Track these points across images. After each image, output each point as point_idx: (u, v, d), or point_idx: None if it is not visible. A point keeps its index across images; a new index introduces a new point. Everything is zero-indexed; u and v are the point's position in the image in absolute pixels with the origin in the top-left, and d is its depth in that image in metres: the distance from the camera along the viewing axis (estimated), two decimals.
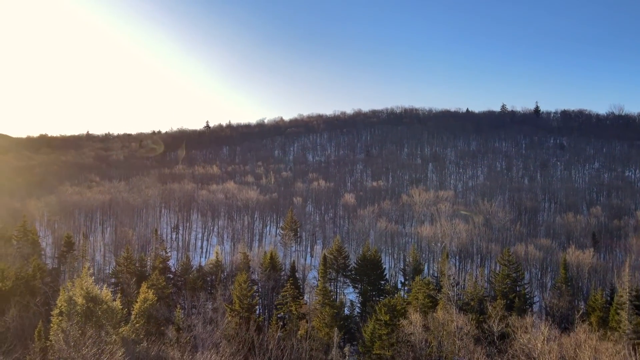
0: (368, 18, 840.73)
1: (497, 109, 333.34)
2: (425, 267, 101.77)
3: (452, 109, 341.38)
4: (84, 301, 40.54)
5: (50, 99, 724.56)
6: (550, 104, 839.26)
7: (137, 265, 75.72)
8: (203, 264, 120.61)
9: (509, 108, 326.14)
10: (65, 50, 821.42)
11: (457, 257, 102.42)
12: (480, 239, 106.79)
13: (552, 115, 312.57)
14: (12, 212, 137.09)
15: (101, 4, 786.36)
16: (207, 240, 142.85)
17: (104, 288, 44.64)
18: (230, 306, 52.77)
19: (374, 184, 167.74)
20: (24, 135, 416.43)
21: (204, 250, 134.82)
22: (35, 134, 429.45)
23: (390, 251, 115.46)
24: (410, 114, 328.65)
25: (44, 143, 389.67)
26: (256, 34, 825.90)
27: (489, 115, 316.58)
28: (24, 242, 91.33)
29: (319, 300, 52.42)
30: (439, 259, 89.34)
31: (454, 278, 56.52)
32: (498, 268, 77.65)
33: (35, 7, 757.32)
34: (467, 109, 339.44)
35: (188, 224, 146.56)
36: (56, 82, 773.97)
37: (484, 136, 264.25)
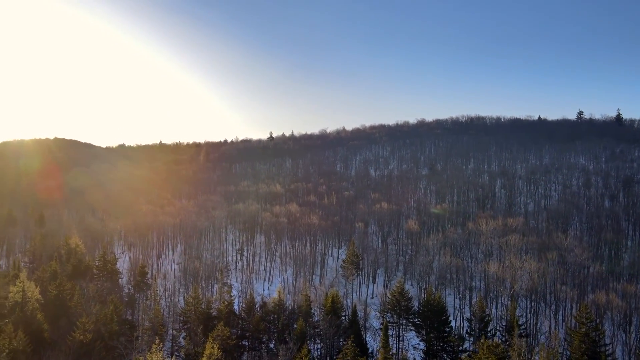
0: (431, 19, 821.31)
1: (573, 116, 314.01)
2: (493, 309, 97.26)
3: (523, 117, 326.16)
4: None
5: (129, 110, 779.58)
6: (635, 111, 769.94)
7: (203, 306, 78.56)
8: (266, 290, 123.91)
9: (586, 115, 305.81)
10: (143, 69, 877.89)
11: (527, 299, 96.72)
12: (554, 278, 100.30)
13: (636, 123, 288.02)
14: (94, 234, 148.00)
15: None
16: (271, 261, 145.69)
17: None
18: None
19: (438, 206, 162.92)
20: (103, 145, 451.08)
21: (267, 274, 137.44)
22: (113, 143, 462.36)
23: (455, 285, 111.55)
24: (477, 123, 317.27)
25: (122, 153, 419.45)
26: (315, 41, 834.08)
27: (563, 124, 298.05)
28: (104, 275, 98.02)
29: None
30: (508, 306, 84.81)
31: (524, 354, 53.14)
32: (575, 324, 72.25)
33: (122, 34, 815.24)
34: (539, 117, 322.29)
35: (252, 247, 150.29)
36: (135, 95, 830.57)
37: (558, 148, 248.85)
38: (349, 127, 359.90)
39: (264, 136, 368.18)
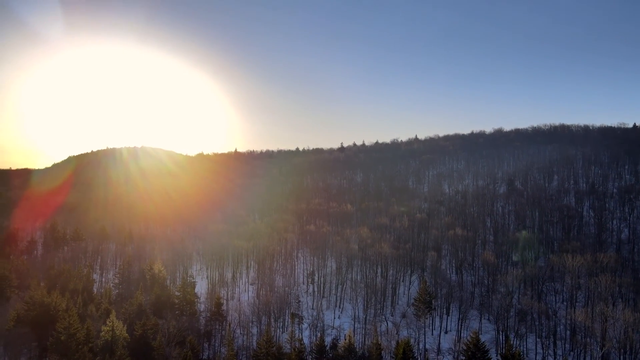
0: (510, 20, 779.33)
1: None
2: None
3: (615, 125, 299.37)
4: None
5: (207, 121, 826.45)
6: None
7: (274, 349, 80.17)
8: (337, 319, 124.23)
9: None
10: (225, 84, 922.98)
11: (621, 354, 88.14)
12: None
13: None
14: (175, 251, 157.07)
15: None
16: (341, 285, 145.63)
17: None
18: None
19: (517, 233, 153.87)
20: (184, 153, 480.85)
21: (338, 300, 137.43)
22: (192, 152, 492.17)
23: (537, 329, 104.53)
24: (561, 133, 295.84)
25: (201, 161, 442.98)
26: (388, 45, 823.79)
27: None
28: (184, 304, 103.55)
29: None
30: None
31: None
32: None
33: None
34: (635, 125, 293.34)
35: (323, 270, 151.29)
36: (212, 107, 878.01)
37: None
38: (421, 136, 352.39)
39: (335, 145, 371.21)
